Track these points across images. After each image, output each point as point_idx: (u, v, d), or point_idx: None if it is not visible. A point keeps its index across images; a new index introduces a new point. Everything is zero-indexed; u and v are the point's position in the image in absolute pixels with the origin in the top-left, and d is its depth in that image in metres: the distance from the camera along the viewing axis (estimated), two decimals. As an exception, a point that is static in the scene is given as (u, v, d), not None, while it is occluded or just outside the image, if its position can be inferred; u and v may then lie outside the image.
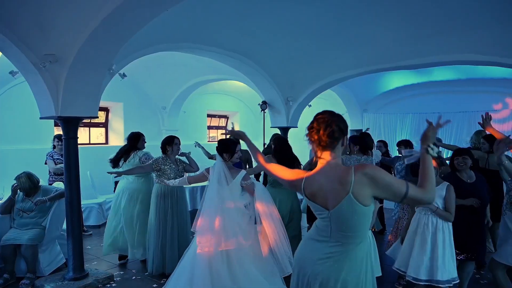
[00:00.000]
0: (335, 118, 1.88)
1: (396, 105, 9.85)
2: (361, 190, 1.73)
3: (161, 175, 4.47)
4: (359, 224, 1.79)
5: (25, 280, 4.14)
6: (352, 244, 1.81)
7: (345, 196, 1.74)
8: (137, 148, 4.94)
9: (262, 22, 5.06)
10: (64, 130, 4.11)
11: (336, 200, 1.78)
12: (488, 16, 4.65)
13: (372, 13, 4.83)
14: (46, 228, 4.40)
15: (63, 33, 3.62)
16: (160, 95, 8.75)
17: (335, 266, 1.80)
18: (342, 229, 1.80)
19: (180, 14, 4.39)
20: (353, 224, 1.77)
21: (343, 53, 6.14)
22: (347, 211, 1.76)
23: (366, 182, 1.72)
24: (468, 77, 8.19)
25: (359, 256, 1.83)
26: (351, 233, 1.80)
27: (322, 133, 1.83)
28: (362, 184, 1.72)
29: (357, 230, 1.80)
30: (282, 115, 7.23)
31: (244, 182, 3.43)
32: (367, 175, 1.72)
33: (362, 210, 1.75)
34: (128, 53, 4.66)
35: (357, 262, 1.82)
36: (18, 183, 4.38)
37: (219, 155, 3.53)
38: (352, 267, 1.80)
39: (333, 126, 1.83)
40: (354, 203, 1.73)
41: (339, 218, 1.79)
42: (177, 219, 4.48)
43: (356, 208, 1.74)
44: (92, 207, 6.60)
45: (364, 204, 1.75)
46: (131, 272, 4.59)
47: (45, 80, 3.78)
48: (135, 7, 3.45)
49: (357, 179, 1.72)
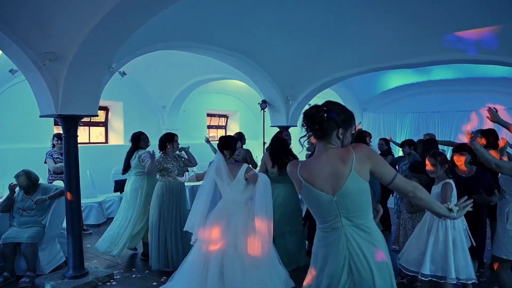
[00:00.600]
0: (333, 107, 1.88)
1: (396, 104, 9.87)
2: (361, 165, 1.78)
3: (167, 174, 4.54)
4: (366, 201, 1.83)
5: (25, 278, 4.14)
6: (366, 221, 1.84)
7: (349, 174, 1.77)
8: (140, 148, 4.98)
9: (261, 21, 5.06)
10: (64, 129, 4.12)
11: (340, 182, 1.79)
12: (487, 15, 4.66)
13: (371, 12, 4.84)
14: (46, 227, 4.41)
15: (63, 31, 3.62)
16: (160, 94, 8.76)
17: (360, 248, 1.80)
18: (352, 210, 1.81)
19: (180, 13, 4.40)
20: (361, 202, 1.81)
21: (342, 52, 6.14)
22: (353, 189, 1.78)
23: (365, 158, 1.79)
24: (467, 76, 8.21)
25: (374, 234, 1.86)
26: (360, 213, 1.82)
27: (318, 122, 1.84)
28: (362, 160, 1.79)
29: (364, 209, 1.83)
30: (282, 114, 7.23)
31: (247, 174, 3.46)
32: (365, 153, 1.81)
33: (365, 185, 1.81)
34: (128, 52, 4.66)
35: (376, 235, 1.86)
36: (17, 181, 4.38)
37: (220, 152, 3.57)
38: (376, 241, 1.84)
39: (329, 113, 1.84)
40: (359, 179, 1.78)
41: (347, 199, 1.80)
42: (180, 216, 4.50)
43: (361, 185, 1.79)
44: (92, 206, 6.61)
45: (365, 179, 1.80)
46: (131, 270, 4.59)
47: (45, 78, 3.78)
48: (135, 5, 3.45)
49: (357, 156, 1.79)
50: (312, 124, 1.85)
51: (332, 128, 1.83)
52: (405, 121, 9.86)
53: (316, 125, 1.83)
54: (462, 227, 3.23)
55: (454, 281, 3.03)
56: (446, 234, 3.13)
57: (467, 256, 3.13)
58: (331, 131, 1.84)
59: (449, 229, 3.13)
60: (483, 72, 7.80)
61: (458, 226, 3.19)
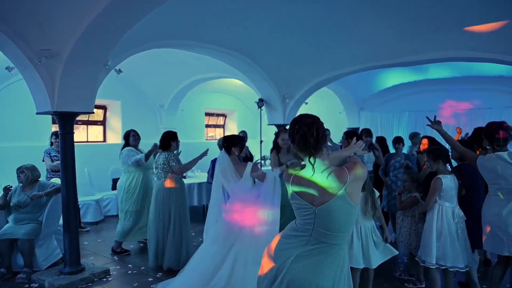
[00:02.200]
0: (319, 121, 1.88)
1: (393, 103, 9.90)
2: (354, 188, 1.78)
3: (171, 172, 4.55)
4: (345, 223, 1.80)
5: (22, 275, 4.17)
6: (333, 245, 1.81)
7: (338, 193, 1.76)
8: (129, 145, 5.15)
9: (258, 19, 5.08)
10: (60, 126, 4.15)
11: (326, 198, 1.77)
12: (483, 13, 4.69)
13: (368, 10, 4.86)
14: (43, 223, 4.44)
15: (58, 28, 3.66)
16: (158, 93, 8.79)
17: (312, 268, 1.79)
18: (327, 228, 1.79)
19: (176, 11, 4.43)
20: (340, 223, 1.79)
21: (339, 50, 6.17)
22: (336, 209, 1.77)
23: (358, 179, 1.79)
24: (464, 74, 8.23)
25: (337, 260, 1.83)
26: (335, 233, 1.80)
27: (315, 138, 1.82)
28: (355, 180, 1.77)
29: (341, 231, 1.80)
30: (279, 112, 7.27)
31: (254, 174, 3.45)
32: (358, 176, 1.79)
33: (352, 209, 1.80)
34: (124, 50, 4.70)
35: (333, 266, 1.81)
36: (19, 175, 4.47)
37: (226, 151, 3.59)
38: (329, 272, 1.80)
39: (321, 129, 1.84)
40: (348, 201, 1.77)
41: (326, 216, 1.78)
42: (179, 214, 4.49)
43: (347, 208, 1.78)
44: (90, 204, 6.64)
45: (354, 203, 1.80)
46: (127, 266, 4.62)
47: (41, 76, 3.82)
48: (129, 2, 3.48)
49: (351, 179, 1.76)
50: (305, 144, 1.82)
51: (321, 144, 1.85)
52: (402, 120, 9.89)
53: (309, 143, 1.81)
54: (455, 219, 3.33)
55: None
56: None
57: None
58: (318, 147, 1.84)
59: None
60: (480, 70, 7.83)
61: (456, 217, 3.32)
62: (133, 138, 5.19)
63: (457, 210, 3.40)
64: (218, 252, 3.34)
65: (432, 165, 3.43)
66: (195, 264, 3.48)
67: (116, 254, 5.00)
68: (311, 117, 1.89)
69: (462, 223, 3.39)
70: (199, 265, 3.45)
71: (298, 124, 1.86)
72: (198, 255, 3.55)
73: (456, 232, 3.31)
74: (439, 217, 3.32)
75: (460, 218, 3.38)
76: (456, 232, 3.31)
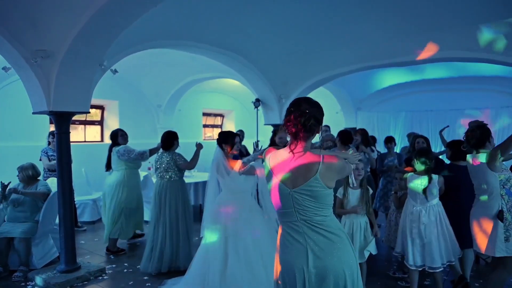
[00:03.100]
0: (313, 110, 1.88)
1: (390, 103, 9.95)
2: (327, 174, 1.83)
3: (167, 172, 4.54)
4: (325, 203, 1.87)
5: (18, 273, 4.21)
6: (322, 218, 1.86)
7: (312, 177, 1.82)
8: (118, 144, 5.17)
9: (253, 19, 5.10)
10: (56, 125, 4.18)
11: (301, 181, 1.83)
12: (478, 12, 4.72)
13: (363, 10, 4.88)
14: (39, 222, 4.47)
15: (54, 28, 3.69)
16: (155, 93, 8.82)
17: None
18: (307, 208, 1.84)
19: (172, 11, 4.46)
20: (318, 204, 1.84)
21: (335, 51, 6.20)
22: (312, 192, 1.82)
23: (332, 170, 1.84)
24: (460, 75, 8.27)
25: (333, 225, 1.89)
26: (316, 211, 1.85)
27: (300, 127, 1.84)
28: (328, 169, 1.83)
29: (322, 209, 1.86)
30: (275, 112, 7.30)
31: (242, 170, 3.48)
32: (333, 164, 1.84)
33: (326, 191, 1.85)
34: (120, 50, 4.72)
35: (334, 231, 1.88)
36: (20, 172, 4.55)
37: (219, 146, 3.65)
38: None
39: (311, 119, 1.85)
40: (321, 185, 1.82)
41: (304, 197, 1.83)
42: (183, 212, 4.47)
43: (322, 190, 1.83)
44: (87, 203, 6.68)
45: (329, 187, 1.85)
46: (123, 265, 4.65)
47: (36, 76, 3.84)
48: (125, 3, 3.51)
49: (324, 165, 1.82)
50: (298, 127, 1.85)
51: (314, 128, 1.87)
52: (399, 120, 9.94)
53: (303, 127, 1.84)
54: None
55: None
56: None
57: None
58: (314, 130, 1.88)
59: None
60: (476, 70, 7.86)
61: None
62: (122, 137, 5.18)
63: (431, 210, 3.43)
64: (213, 249, 3.37)
65: (414, 164, 3.53)
66: (195, 264, 3.52)
67: (112, 254, 5.03)
68: (309, 104, 1.89)
69: (439, 222, 3.43)
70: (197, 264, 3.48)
71: (294, 106, 1.89)
72: (198, 253, 3.57)
73: (425, 232, 3.37)
74: (408, 214, 3.45)
75: (435, 218, 3.42)
76: (425, 232, 3.37)
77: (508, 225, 3.00)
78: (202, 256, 3.41)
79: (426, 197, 3.42)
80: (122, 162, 5.08)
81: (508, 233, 3.01)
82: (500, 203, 3.02)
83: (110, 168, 5.21)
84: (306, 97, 1.99)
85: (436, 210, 3.45)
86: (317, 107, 1.92)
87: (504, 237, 2.98)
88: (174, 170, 4.49)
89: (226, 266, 3.23)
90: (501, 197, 3.03)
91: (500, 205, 3.01)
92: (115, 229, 5.04)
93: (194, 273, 3.38)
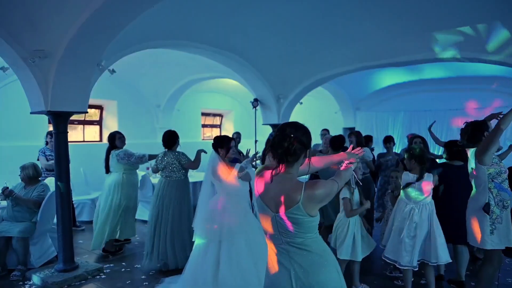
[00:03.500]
0: (298, 133, 1.83)
1: (388, 103, 9.97)
2: (309, 203, 1.79)
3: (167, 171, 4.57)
4: (308, 228, 1.83)
5: (16, 272, 4.23)
6: (304, 239, 1.84)
7: (294, 205, 1.78)
8: (116, 147, 5.16)
9: (252, 18, 5.11)
10: (54, 125, 4.20)
11: (283, 207, 1.81)
12: (477, 12, 4.74)
13: (362, 10, 4.90)
14: (37, 222, 4.49)
15: (52, 28, 3.71)
16: (154, 93, 8.83)
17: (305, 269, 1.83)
18: (290, 232, 1.83)
19: (170, 11, 4.47)
20: (301, 230, 1.82)
21: (333, 51, 6.21)
22: (294, 218, 1.80)
23: (313, 199, 1.79)
24: (458, 75, 8.29)
25: (318, 247, 1.87)
26: (300, 235, 1.83)
27: (284, 152, 1.82)
28: (310, 199, 1.78)
29: (304, 232, 1.83)
30: (273, 112, 7.32)
31: (240, 174, 3.46)
32: (314, 193, 1.78)
33: (308, 219, 1.81)
34: (118, 50, 4.74)
35: (318, 252, 1.86)
36: (22, 171, 4.58)
37: (214, 151, 3.65)
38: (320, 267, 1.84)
39: (296, 144, 1.81)
40: (303, 213, 1.78)
41: (283, 223, 1.82)
42: (187, 210, 4.50)
43: (304, 218, 1.79)
44: (85, 203, 6.69)
45: (312, 215, 1.81)
46: (121, 264, 4.67)
47: (34, 76, 3.86)
48: (122, 3, 3.53)
49: (306, 194, 1.77)
50: (282, 151, 1.82)
51: (300, 155, 1.84)
52: (397, 120, 9.96)
53: (286, 151, 1.81)
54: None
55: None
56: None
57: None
58: (299, 155, 1.85)
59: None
60: (473, 71, 7.87)
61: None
62: (119, 140, 5.19)
63: (423, 208, 3.44)
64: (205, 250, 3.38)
65: (408, 164, 3.52)
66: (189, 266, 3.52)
67: (111, 254, 5.03)
68: (294, 128, 1.85)
69: (430, 221, 3.44)
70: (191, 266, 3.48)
71: (279, 130, 1.87)
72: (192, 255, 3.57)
73: (414, 230, 3.39)
74: (399, 212, 3.47)
75: (427, 217, 3.43)
76: (414, 230, 3.39)
77: (495, 219, 3.09)
78: (195, 258, 3.41)
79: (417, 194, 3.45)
80: (121, 165, 5.08)
81: (494, 226, 3.11)
82: (488, 196, 3.10)
83: (109, 170, 5.21)
84: (293, 121, 1.95)
85: (429, 209, 3.46)
86: (302, 130, 1.87)
87: (490, 230, 3.08)
88: (179, 169, 4.55)
89: (218, 270, 3.23)
90: (490, 190, 3.12)
91: (487, 198, 3.10)
92: (114, 229, 5.03)
93: (188, 275, 3.38)
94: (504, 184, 3.12)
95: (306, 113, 10.09)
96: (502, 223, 3.09)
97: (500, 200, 3.11)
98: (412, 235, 3.39)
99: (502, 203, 3.11)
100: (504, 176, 3.13)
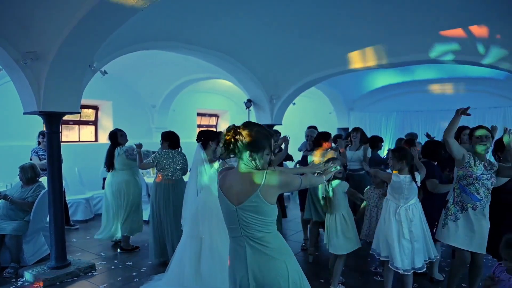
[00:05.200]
0: (249, 128, 1.99)
1: (381, 103, 10.07)
2: (268, 191, 1.93)
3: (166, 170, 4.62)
4: (267, 219, 1.96)
5: (9, 269, 4.31)
6: (263, 235, 1.96)
7: (253, 194, 1.92)
8: (119, 144, 5.17)
9: (244, 20, 5.17)
10: (46, 125, 4.28)
11: (243, 197, 1.94)
12: (467, 15, 4.82)
13: (354, 10, 4.96)
14: (30, 220, 4.56)
15: (44, 30, 3.78)
16: (149, 94, 8.89)
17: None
18: (251, 224, 1.95)
19: (161, 12, 4.54)
20: (260, 220, 1.95)
21: (325, 52, 6.29)
22: (254, 208, 1.92)
23: (273, 185, 1.94)
24: (449, 76, 8.40)
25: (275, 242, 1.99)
26: (259, 227, 1.96)
27: (236, 146, 1.98)
28: (269, 186, 1.93)
29: (263, 225, 1.96)
30: (267, 112, 7.40)
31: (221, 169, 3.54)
32: (274, 179, 1.93)
33: (268, 207, 1.94)
34: (111, 51, 4.81)
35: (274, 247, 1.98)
36: (21, 172, 4.67)
37: (202, 146, 3.70)
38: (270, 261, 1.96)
39: (240, 137, 1.96)
40: (262, 201, 1.92)
41: (247, 213, 1.94)
42: (175, 212, 4.51)
43: (264, 206, 1.93)
44: (80, 202, 6.76)
45: (270, 203, 1.94)
46: (113, 262, 4.75)
47: (27, 77, 3.94)
48: (113, 5, 3.60)
49: (265, 183, 1.92)
50: (226, 144, 1.99)
51: (243, 150, 1.97)
52: (390, 120, 10.06)
53: (229, 146, 1.98)
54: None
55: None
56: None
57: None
58: (243, 152, 1.98)
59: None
60: (464, 72, 7.98)
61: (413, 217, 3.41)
62: (122, 137, 5.22)
63: (414, 208, 3.41)
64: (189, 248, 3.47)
65: (395, 164, 3.44)
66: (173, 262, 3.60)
67: (128, 252, 5.08)
68: (246, 126, 2.00)
69: (414, 223, 3.38)
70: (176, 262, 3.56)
71: (227, 129, 2.03)
72: (176, 252, 3.65)
73: (398, 231, 3.34)
74: (391, 215, 3.42)
75: (411, 219, 3.39)
76: (398, 231, 3.34)
77: (450, 215, 3.28)
78: (180, 254, 3.51)
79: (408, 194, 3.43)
80: (130, 161, 5.09)
81: (446, 221, 3.30)
82: (452, 194, 3.34)
83: (112, 168, 5.18)
84: (249, 121, 2.12)
85: (418, 209, 3.43)
86: (249, 129, 1.99)
87: (442, 224, 3.33)
88: (183, 169, 4.68)
89: (199, 264, 3.33)
90: (454, 189, 3.33)
91: (451, 196, 3.36)
92: (126, 226, 5.13)
93: (173, 271, 3.47)
94: (469, 188, 3.20)
95: (301, 114, 10.21)
96: (458, 223, 3.22)
97: (460, 201, 3.24)
98: (409, 238, 3.32)
99: (462, 204, 3.24)
100: (469, 180, 3.19)
